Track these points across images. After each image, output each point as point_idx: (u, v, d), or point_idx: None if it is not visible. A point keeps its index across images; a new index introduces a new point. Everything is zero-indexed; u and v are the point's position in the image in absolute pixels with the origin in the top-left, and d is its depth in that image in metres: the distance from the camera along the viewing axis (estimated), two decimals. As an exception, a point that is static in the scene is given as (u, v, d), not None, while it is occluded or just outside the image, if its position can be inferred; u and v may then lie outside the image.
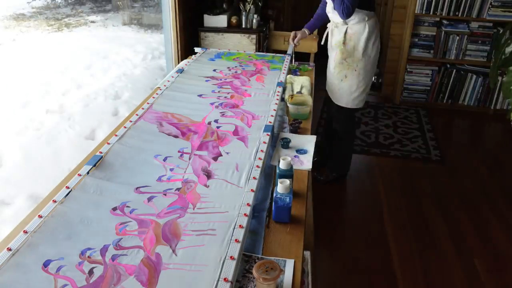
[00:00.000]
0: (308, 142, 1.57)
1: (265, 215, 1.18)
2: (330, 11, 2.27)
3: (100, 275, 0.94)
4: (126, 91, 4.07)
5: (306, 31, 2.46)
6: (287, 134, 1.64)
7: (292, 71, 2.36)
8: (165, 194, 1.23)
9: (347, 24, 2.24)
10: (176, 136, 1.56)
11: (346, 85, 2.35)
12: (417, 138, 3.37)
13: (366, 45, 2.24)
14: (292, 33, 2.46)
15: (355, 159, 2.92)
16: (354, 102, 2.40)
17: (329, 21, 2.39)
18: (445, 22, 3.74)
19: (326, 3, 2.34)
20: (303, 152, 1.50)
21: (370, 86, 2.40)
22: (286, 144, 1.52)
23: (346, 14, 2.09)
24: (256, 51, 3.24)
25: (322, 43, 2.49)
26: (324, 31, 2.45)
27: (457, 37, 3.71)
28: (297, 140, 1.58)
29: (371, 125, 3.59)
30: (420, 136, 3.40)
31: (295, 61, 2.51)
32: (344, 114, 2.49)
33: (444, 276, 2.02)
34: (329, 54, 2.43)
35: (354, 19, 2.20)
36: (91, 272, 0.95)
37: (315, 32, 2.97)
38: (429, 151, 3.17)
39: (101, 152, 1.41)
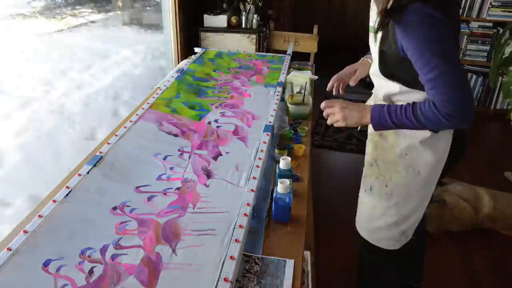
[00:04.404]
0: None
1: (265, 215, 1.18)
2: (374, 73, 1.29)
3: (100, 275, 0.94)
4: (126, 91, 4.07)
5: (367, 61, 1.54)
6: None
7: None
8: (165, 194, 1.23)
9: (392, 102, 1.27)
10: (176, 135, 1.56)
11: (369, 201, 1.39)
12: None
13: (416, 151, 1.22)
14: (337, 76, 1.56)
15: (352, 158, 2.92)
16: (374, 236, 1.41)
17: None
18: (445, 22, 3.74)
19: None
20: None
21: (414, 223, 1.36)
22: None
23: (456, 120, 1.04)
24: (256, 51, 3.24)
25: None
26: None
27: (457, 37, 3.71)
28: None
29: (370, 125, 3.59)
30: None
31: (294, 61, 2.51)
32: (368, 248, 1.46)
33: (444, 276, 2.02)
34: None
35: (406, 93, 1.20)
36: (91, 271, 0.95)
37: (315, 31, 2.96)
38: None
39: (101, 152, 1.41)
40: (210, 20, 3.31)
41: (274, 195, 1.14)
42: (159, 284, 0.92)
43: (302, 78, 2.06)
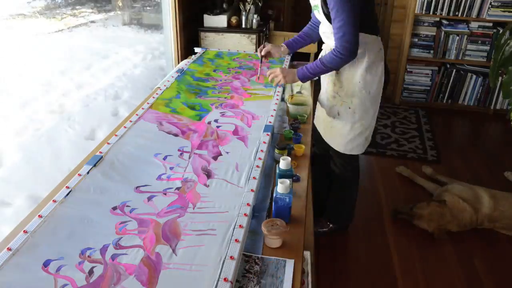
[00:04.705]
0: None
1: (265, 215, 1.18)
2: (326, 31, 1.77)
3: (100, 275, 0.94)
4: (126, 91, 4.07)
5: (283, 48, 2.00)
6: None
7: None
8: (165, 194, 1.23)
9: None
10: (176, 135, 1.56)
11: (338, 124, 1.88)
12: (415, 138, 3.37)
13: (364, 77, 1.76)
14: (262, 46, 2.01)
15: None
16: (348, 147, 1.91)
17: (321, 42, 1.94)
18: (445, 22, 3.74)
19: (317, 21, 1.86)
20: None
21: (372, 129, 1.92)
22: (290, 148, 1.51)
23: (346, 54, 1.62)
24: (256, 51, 3.24)
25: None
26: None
27: (457, 37, 3.71)
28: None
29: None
30: (418, 136, 3.40)
31: (294, 60, 2.51)
32: (343, 158, 2.00)
33: (444, 276, 2.02)
34: (321, 82, 1.97)
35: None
36: (91, 271, 0.95)
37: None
38: (426, 151, 3.17)
39: (101, 152, 1.41)
40: (210, 20, 3.30)
41: (274, 195, 1.14)
42: (159, 284, 0.92)
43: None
